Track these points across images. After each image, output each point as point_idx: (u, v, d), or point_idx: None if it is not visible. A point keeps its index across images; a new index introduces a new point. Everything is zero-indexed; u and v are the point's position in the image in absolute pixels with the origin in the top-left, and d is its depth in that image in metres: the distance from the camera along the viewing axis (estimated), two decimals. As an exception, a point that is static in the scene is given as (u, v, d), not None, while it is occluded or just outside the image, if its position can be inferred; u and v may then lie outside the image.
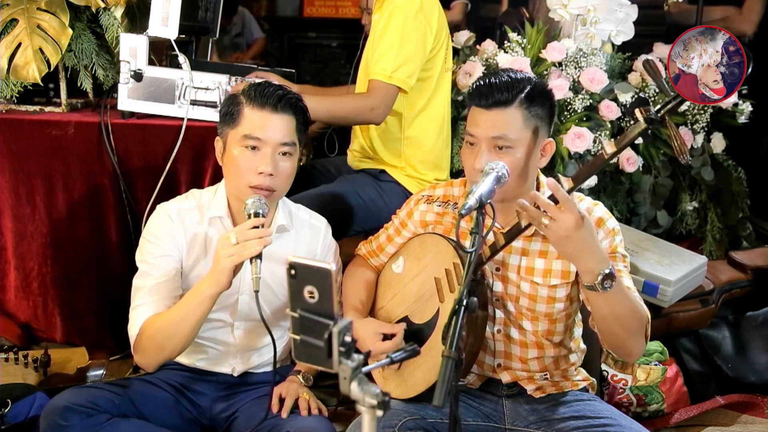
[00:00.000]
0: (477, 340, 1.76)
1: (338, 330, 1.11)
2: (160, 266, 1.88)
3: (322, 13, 5.62)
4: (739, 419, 2.47)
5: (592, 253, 1.57)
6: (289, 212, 2.01)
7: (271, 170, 1.83)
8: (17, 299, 2.52)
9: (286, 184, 1.91)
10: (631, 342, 1.70)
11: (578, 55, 2.87)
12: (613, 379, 2.42)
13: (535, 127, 1.72)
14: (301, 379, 1.97)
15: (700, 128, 3.00)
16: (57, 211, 2.45)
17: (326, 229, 2.08)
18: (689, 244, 3.03)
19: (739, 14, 3.58)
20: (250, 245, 1.68)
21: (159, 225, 1.92)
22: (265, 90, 1.86)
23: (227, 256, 1.68)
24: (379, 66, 2.38)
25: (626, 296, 1.65)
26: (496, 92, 1.70)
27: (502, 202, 1.76)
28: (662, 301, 2.58)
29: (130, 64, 2.34)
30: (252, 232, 1.70)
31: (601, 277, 1.57)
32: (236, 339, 1.98)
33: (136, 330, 1.82)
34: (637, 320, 1.68)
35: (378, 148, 2.57)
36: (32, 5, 2.36)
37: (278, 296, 1.97)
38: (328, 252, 2.07)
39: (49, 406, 1.76)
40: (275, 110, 1.85)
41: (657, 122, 1.53)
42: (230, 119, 1.87)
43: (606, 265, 1.58)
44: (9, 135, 2.39)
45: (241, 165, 1.84)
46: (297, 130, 1.90)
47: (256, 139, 1.83)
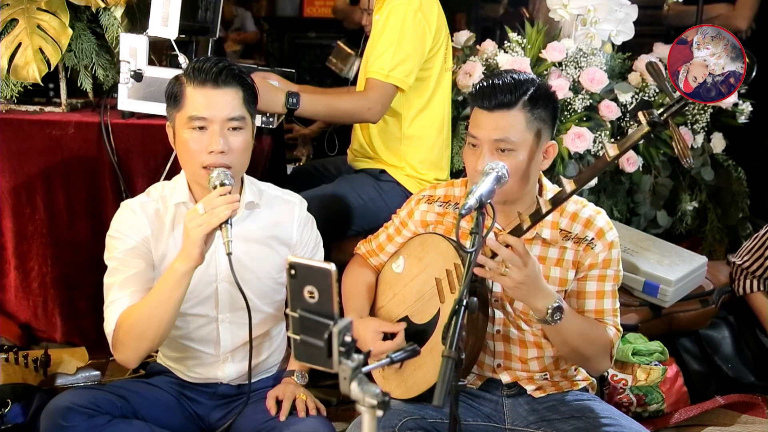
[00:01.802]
0: (478, 340, 1.76)
1: (338, 330, 1.11)
2: (128, 260, 1.84)
3: (322, 13, 5.63)
4: (739, 419, 2.48)
5: (540, 292, 1.64)
6: (259, 191, 1.96)
7: (221, 147, 1.77)
8: (17, 299, 2.52)
9: (242, 159, 1.84)
10: (590, 365, 1.82)
11: (578, 55, 2.87)
12: (613, 379, 2.42)
13: (538, 129, 1.71)
14: (296, 379, 1.94)
15: (700, 128, 3.00)
16: (57, 211, 2.44)
17: (300, 203, 2.02)
18: (689, 244, 3.03)
19: (732, 11, 3.59)
20: (218, 211, 1.65)
21: (122, 220, 1.89)
22: (203, 65, 1.80)
23: (196, 226, 1.65)
24: (376, 65, 2.38)
25: (578, 327, 1.72)
26: (499, 94, 1.69)
27: (503, 204, 1.76)
28: (662, 301, 2.58)
29: (130, 64, 2.34)
30: (219, 198, 1.67)
31: (551, 311, 1.63)
32: (223, 337, 1.93)
33: (112, 326, 1.78)
34: (594, 347, 1.75)
35: (378, 148, 2.57)
36: (32, 5, 2.35)
37: (260, 278, 1.93)
38: (305, 226, 2.00)
39: (50, 407, 1.76)
40: (216, 85, 1.79)
41: (660, 125, 1.52)
42: (174, 102, 1.83)
43: (553, 299, 1.64)
44: (9, 135, 2.39)
45: (191, 147, 1.79)
46: (245, 102, 1.83)
47: (201, 119, 1.78)
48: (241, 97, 1.83)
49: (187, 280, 1.71)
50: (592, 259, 1.77)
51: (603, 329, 1.77)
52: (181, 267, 1.69)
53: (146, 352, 1.80)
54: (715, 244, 3.18)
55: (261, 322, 1.95)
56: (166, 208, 1.90)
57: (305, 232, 2.00)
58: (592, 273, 1.78)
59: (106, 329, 1.81)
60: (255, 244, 1.91)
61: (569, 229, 1.79)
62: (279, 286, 1.97)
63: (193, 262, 1.68)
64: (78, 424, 1.71)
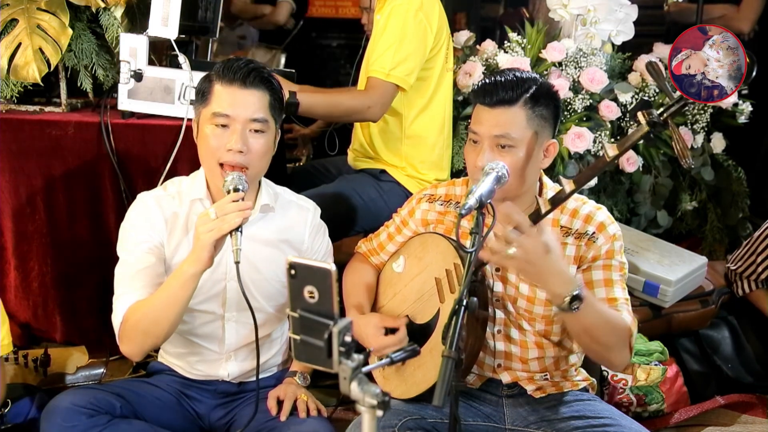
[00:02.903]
0: (477, 340, 1.76)
1: (338, 330, 1.11)
2: (139, 253, 1.85)
3: (322, 13, 5.62)
4: (739, 419, 2.48)
5: (557, 275, 1.56)
6: (275, 194, 1.98)
7: (240, 147, 1.78)
8: (17, 299, 2.52)
9: (261, 162, 1.85)
10: (610, 355, 1.71)
11: (578, 55, 2.88)
12: (613, 379, 2.42)
13: (539, 127, 1.72)
14: (297, 380, 1.95)
15: (700, 128, 3.00)
16: (57, 211, 2.44)
17: (314, 210, 2.03)
18: (689, 244, 3.03)
19: (737, 12, 3.58)
20: (230, 218, 1.65)
21: (137, 213, 1.90)
22: (233, 65, 1.82)
23: (206, 231, 1.66)
24: (377, 64, 2.38)
25: (599, 314, 1.64)
26: (500, 91, 1.70)
27: (502, 201, 1.76)
28: (663, 301, 2.58)
29: (130, 64, 2.34)
30: (231, 205, 1.67)
31: (569, 299, 1.56)
32: (228, 335, 1.94)
33: (119, 318, 1.79)
34: (614, 335, 1.67)
35: (378, 148, 2.57)
36: (32, 5, 2.35)
37: (269, 280, 1.94)
38: (317, 233, 2.01)
39: (50, 407, 1.76)
40: (244, 85, 1.81)
41: (660, 125, 1.52)
42: (202, 98, 1.85)
43: (573, 287, 1.56)
44: (9, 135, 2.39)
45: (211, 143, 1.81)
46: (270, 106, 1.85)
47: (224, 116, 1.80)
48: (268, 101, 1.85)
49: (194, 282, 1.72)
50: (595, 252, 1.76)
51: (621, 316, 1.71)
52: (189, 269, 1.71)
53: (151, 347, 1.82)
54: (715, 244, 3.18)
55: (265, 323, 1.96)
56: (182, 204, 1.91)
57: (317, 238, 2.01)
58: (597, 263, 1.76)
59: (114, 321, 1.82)
60: (266, 246, 1.91)
61: (569, 226, 1.79)
62: (285, 289, 1.97)
63: (201, 266, 1.69)
64: (78, 424, 1.71)
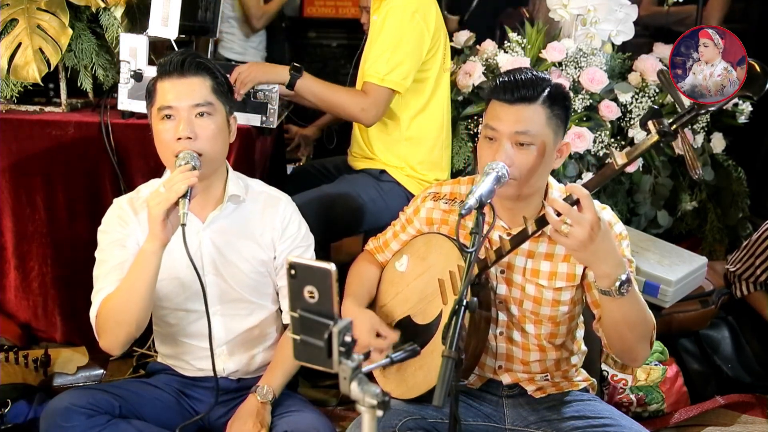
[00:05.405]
0: (480, 343, 1.76)
1: (338, 330, 1.11)
2: (113, 251, 1.87)
3: (322, 13, 5.62)
4: (739, 419, 2.48)
5: (611, 257, 1.53)
6: (245, 185, 1.98)
7: (188, 133, 1.79)
8: (17, 299, 2.53)
9: (213, 145, 1.83)
10: (638, 347, 1.69)
11: (578, 55, 2.88)
12: (613, 379, 2.42)
13: (556, 126, 1.72)
14: (258, 398, 1.88)
15: (700, 128, 3.00)
16: (57, 211, 2.45)
17: (286, 200, 2.02)
18: (689, 244, 3.03)
19: (704, 11, 3.61)
20: (176, 186, 1.66)
21: (111, 216, 1.94)
22: (170, 59, 1.84)
23: (156, 204, 1.67)
24: (372, 69, 2.38)
25: (639, 302, 1.63)
26: (522, 88, 1.69)
27: (514, 201, 1.75)
28: (663, 301, 2.59)
29: (130, 64, 2.34)
30: (177, 175, 1.69)
31: (619, 282, 1.54)
32: (216, 329, 1.91)
33: (94, 313, 1.82)
34: (647, 325, 1.66)
35: (377, 149, 2.57)
36: (32, 5, 2.36)
37: (244, 271, 1.95)
38: (290, 223, 1.99)
39: (50, 407, 1.76)
40: (181, 75, 1.82)
41: (670, 135, 1.51)
42: (149, 99, 1.87)
43: (623, 269, 1.54)
44: (9, 135, 2.39)
45: (162, 137, 1.82)
46: (212, 90, 1.85)
47: (168, 107, 1.81)
48: (209, 85, 1.85)
49: (155, 259, 1.72)
50: None
51: (648, 309, 1.68)
52: (147, 247, 1.72)
53: (126, 337, 1.79)
54: (715, 244, 3.18)
55: (253, 312, 1.98)
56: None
57: (290, 227, 2.00)
58: None
59: (91, 317, 1.83)
60: (238, 237, 1.93)
61: None
62: (266, 279, 1.99)
63: (158, 241, 1.70)
64: (78, 424, 1.71)
